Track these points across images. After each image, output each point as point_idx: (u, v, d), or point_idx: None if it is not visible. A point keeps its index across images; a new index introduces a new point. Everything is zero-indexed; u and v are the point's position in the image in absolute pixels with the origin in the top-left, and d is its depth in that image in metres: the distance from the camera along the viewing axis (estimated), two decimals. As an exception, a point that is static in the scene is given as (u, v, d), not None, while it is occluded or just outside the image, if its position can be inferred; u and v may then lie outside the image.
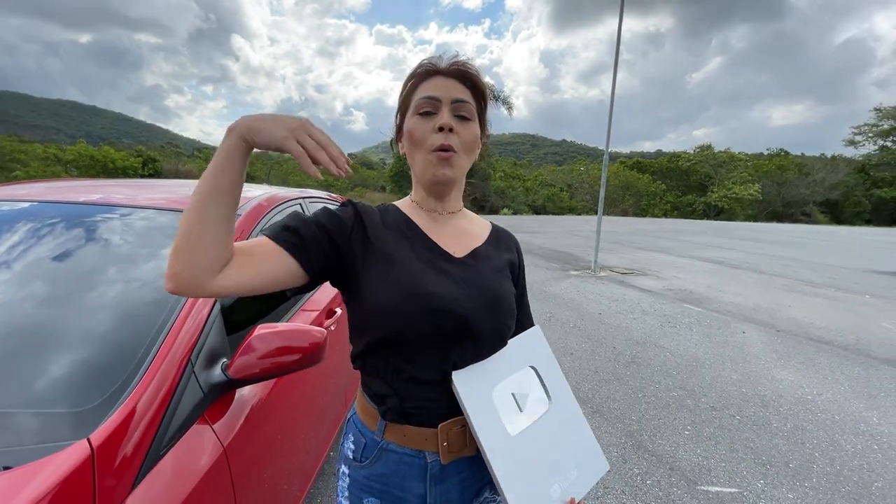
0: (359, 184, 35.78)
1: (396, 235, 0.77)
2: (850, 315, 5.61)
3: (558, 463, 0.77)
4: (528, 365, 0.82)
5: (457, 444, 0.74)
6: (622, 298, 5.91)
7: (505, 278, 0.82)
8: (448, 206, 0.84)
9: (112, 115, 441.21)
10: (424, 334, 0.70)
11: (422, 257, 0.76)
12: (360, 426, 0.80)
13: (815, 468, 2.32)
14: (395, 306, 0.69)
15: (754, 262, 10.35)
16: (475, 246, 0.83)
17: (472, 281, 0.76)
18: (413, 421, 0.74)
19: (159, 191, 1.69)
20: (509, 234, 0.93)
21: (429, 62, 0.77)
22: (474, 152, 0.80)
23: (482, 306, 0.74)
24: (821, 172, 46.50)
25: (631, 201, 39.41)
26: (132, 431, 0.82)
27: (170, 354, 0.96)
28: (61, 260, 1.19)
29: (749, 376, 3.47)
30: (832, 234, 24.91)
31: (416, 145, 0.76)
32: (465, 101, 0.75)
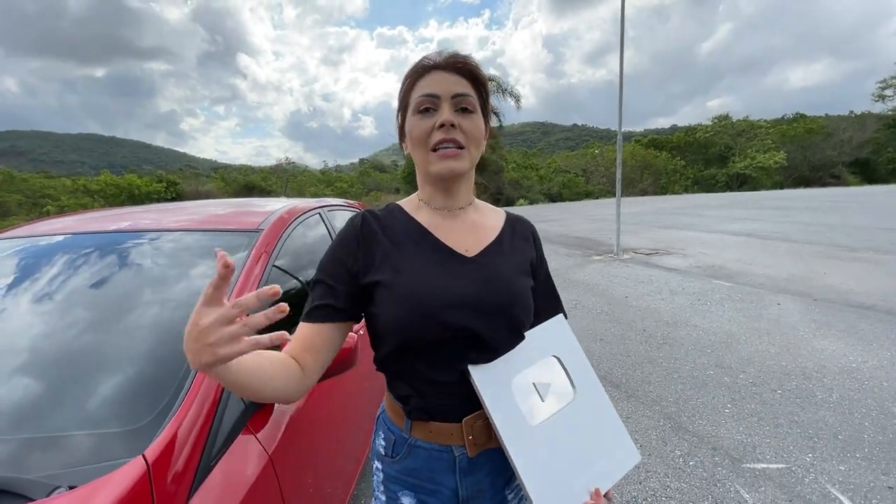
0: (373, 188, 36.08)
1: (404, 240, 0.76)
2: (891, 278, 5.37)
3: (583, 454, 0.75)
4: (551, 354, 0.81)
5: (482, 436, 0.75)
6: (648, 280, 5.80)
7: (521, 273, 0.81)
8: (457, 201, 0.81)
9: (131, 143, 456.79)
10: (438, 342, 0.71)
11: (431, 261, 0.75)
12: (389, 423, 0.83)
13: (867, 438, 2.23)
14: (405, 320, 0.70)
15: (784, 231, 10.00)
16: (488, 241, 0.81)
17: (486, 281, 0.75)
18: (437, 417, 0.75)
19: (184, 213, 1.75)
20: (524, 220, 0.91)
21: (425, 58, 0.76)
22: (481, 144, 0.77)
23: (497, 308, 0.73)
24: (847, 132, 44.50)
25: (650, 180, 38.55)
26: (183, 445, 0.85)
27: (210, 369, 1.00)
28: (101, 287, 1.24)
29: (788, 349, 3.37)
30: (866, 194, 23.82)
31: (418, 144, 0.74)
32: (466, 93, 0.73)
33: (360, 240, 0.75)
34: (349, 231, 0.77)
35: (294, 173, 35.11)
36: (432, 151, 0.73)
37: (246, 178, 30.93)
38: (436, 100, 0.72)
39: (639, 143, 47.46)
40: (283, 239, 1.55)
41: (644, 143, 47.35)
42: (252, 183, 28.92)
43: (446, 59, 0.74)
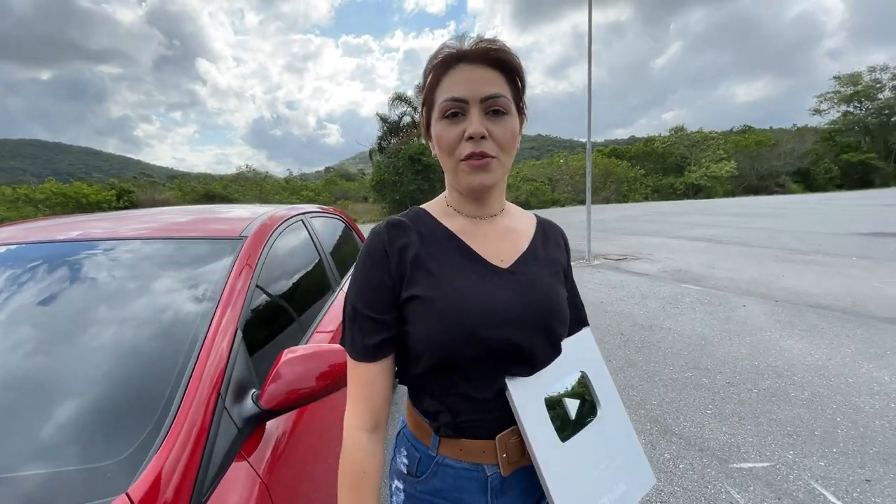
0: (340, 196, 35.54)
1: (436, 251, 0.70)
2: (841, 278, 5.72)
3: (607, 474, 0.73)
4: (579, 369, 0.79)
5: (516, 454, 0.70)
6: (620, 285, 5.93)
7: (557, 282, 0.76)
8: (489, 208, 0.75)
9: (79, 150, 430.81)
10: (477, 359, 0.66)
11: (466, 274, 0.69)
12: (413, 440, 0.76)
13: (840, 433, 2.33)
14: (444, 339, 0.65)
15: (741, 236, 10.53)
16: (522, 248, 0.76)
17: (524, 293, 0.70)
18: (468, 434, 0.70)
19: (156, 221, 1.61)
20: (555, 226, 0.86)
21: (450, 47, 0.66)
22: (514, 148, 0.69)
23: (536, 322, 0.69)
24: (790, 143, 47.77)
25: (612, 188, 39.88)
26: (172, 479, 0.75)
27: (198, 391, 0.89)
28: (74, 302, 1.11)
29: (758, 349, 3.50)
30: (808, 201, 25.56)
31: (445, 153, 0.67)
32: (497, 94, 0.64)
33: (388, 251, 0.68)
34: (375, 244, 0.69)
35: (257, 181, 34.09)
36: (460, 162, 0.66)
37: (206, 186, 29.73)
38: (464, 105, 0.64)
39: (601, 152, 49.10)
40: (267, 246, 1.46)
41: (605, 153, 49.07)
42: (212, 191, 27.81)
43: (475, 47, 0.64)
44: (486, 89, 0.64)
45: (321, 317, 1.69)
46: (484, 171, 0.66)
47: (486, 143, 0.64)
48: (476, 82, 0.64)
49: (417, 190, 22.17)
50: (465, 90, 0.63)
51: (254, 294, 1.25)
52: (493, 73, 0.65)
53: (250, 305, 1.20)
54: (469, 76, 0.64)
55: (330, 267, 2.05)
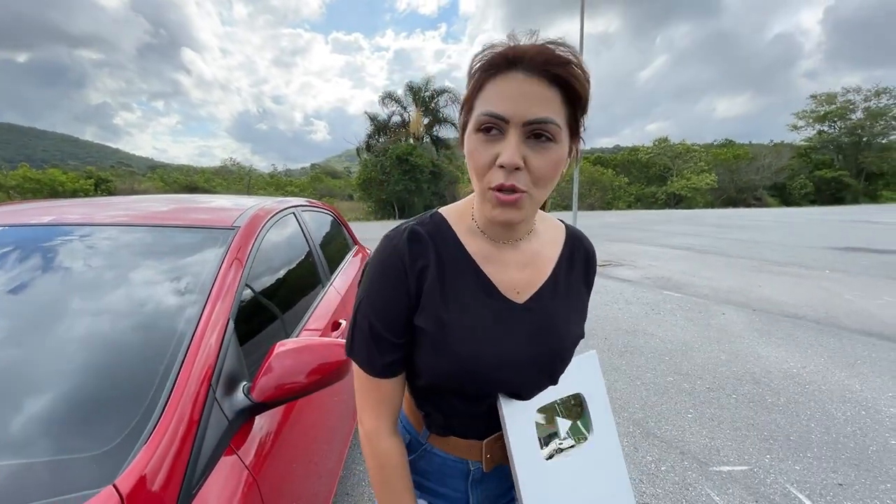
0: (325, 194, 35.19)
1: (452, 278, 0.64)
2: (816, 290, 5.90)
3: (587, 499, 0.74)
4: (577, 391, 0.78)
5: (499, 454, 0.73)
6: (604, 290, 6.01)
7: (574, 320, 0.71)
8: (516, 232, 0.68)
9: (55, 136, 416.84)
10: (478, 394, 0.68)
11: (480, 312, 0.64)
12: (406, 423, 0.80)
13: (814, 438, 2.39)
14: (445, 373, 0.65)
15: (720, 246, 10.79)
16: (543, 279, 0.69)
17: (537, 334, 0.66)
18: (458, 433, 0.74)
19: (139, 208, 1.57)
20: (585, 243, 0.77)
21: (501, 49, 0.55)
22: (553, 181, 0.59)
23: (542, 365, 0.69)
24: (767, 158, 49.22)
25: (597, 195, 40.46)
26: (161, 470, 0.73)
27: (189, 383, 0.87)
28: (62, 287, 1.07)
29: (737, 355, 3.58)
30: (784, 215, 26.35)
31: (474, 173, 0.58)
32: (545, 119, 0.53)
33: (407, 271, 0.62)
34: (393, 259, 0.63)
35: (241, 175, 33.50)
36: (488, 190, 0.57)
37: (188, 178, 29.10)
38: (503, 124, 0.54)
39: (587, 160, 49.75)
40: (259, 238, 1.43)
41: (591, 161, 49.75)
42: (195, 183, 27.23)
43: (537, 52, 0.53)
44: (533, 111, 0.53)
45: (312, 311, 1.67)
46: (512, 208, 0.57)
47: (520, 175, 0.55)
48: (523, 99, 0.53)
49: (404, 190, 22.11)
50: (507, 107, 0.53)
51: (245, 286, 1.22)
52: (551, 90, 0.54)
53: (241, 297, 1.18)
54: (518, 90, 0.53)
55: (320, 261, 2.03)
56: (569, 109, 0.56)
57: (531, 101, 0.53)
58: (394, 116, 24.31)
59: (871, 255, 9.20)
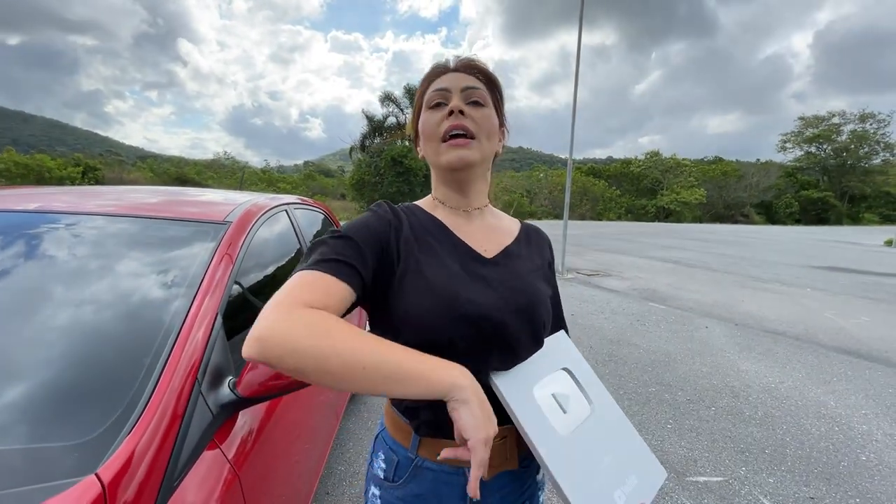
0: (317, 192, 35.02)
1: (425, 237, 0.73)
2: (796, 307, 6.03)
3: (615, 467, 0.71)
4: (561, 367, 0.78)
5: (498, 457, 0.70)
6: (591, 299, 6.07)
7: (540, 278, 0.79)
8: (473, 200, 0.79)
9: (43, 121, 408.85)
10: (460, 343, 0.66)
11: (452, 259, 0.71)
12: (392, 443, 0.75)
13: (789, 452, 2.45)
14: (427, 316, 0.65)
15: (706, 260, 10.97)
16: (506, 244, 0.79)
17: (507, 283, 0.72)
18: (450, 434, 0.67)
19: (130, 198, 1.56)
20: (540, 231, 0.90)
21: (440, 63, 0.78)
22: (493, 138, 0.76)
23: (519, 310, 0.70)
24: (755, 176, 50.23)
25: (588, 206, 40.86)
26: (144, 461, 0.73)
27: (175, 375, 0.87)
28: (46, 275, 1.06)
29: (717, 368, 3.65)
30: (769, 233, 26.88)
31: (428, 138, 0.74)
32: (476, 86, 0.73)
33: (392, 223, 0.72)
34: (381, 213, 0.73)
35: (233, 169, 33.17)
36: (443, 142, 0.72)
37: (179, 169, 28.75)
38: (447, 93, 0.72)
39: (579, 170, 50.25)
40: (251, 233, 1.43)
41: (584, 171, 50.26)
42: (186, 175, 26.89)
43: (459, 61, 0.76)
44: (466, 82, 0.73)
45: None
46: (463, 148, 0.71)
47: (466, 119, 0.71)
48: (458, 79, 0.74)
49: (397, 192, 22.08)
50: (448, 83, 0.73)
51: (235, 281, 1.23)
52: (475, 78, 0.75)
53: (231, 292, 1.18)
54: (453, 76, 0.74)
55: (310, 260, 2.03)
56: (491, 94, 0.76)
57: (463, 79, 0.74)
58: (390, 117, 24.30)
59: (851, 276, 9.44)
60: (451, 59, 0.77)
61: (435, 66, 0.77)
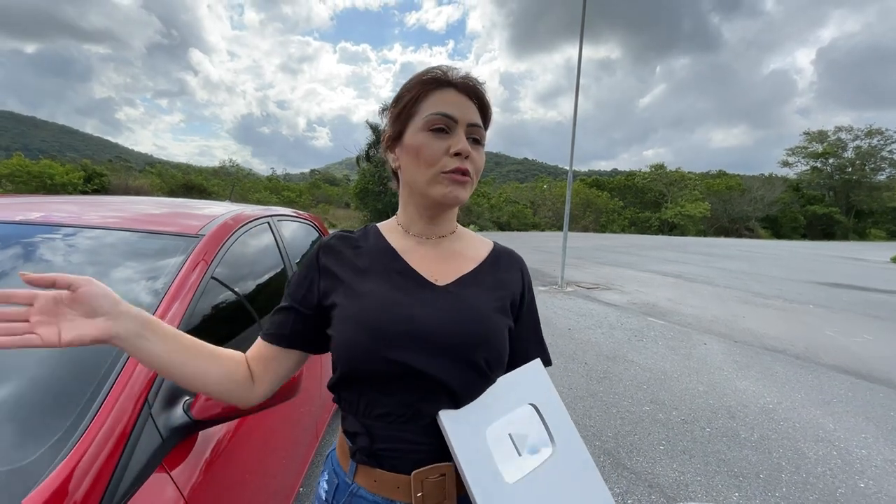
0: (322, 200, 35.19)
1: (371, 265, 0.72)
2: (798, 325, 5.94)
3: None
4: (528, 402, 0.72)
5: (434, 495, 0.65)
6: (589, 313, 6.01)
7: (497, 310, 0.72)
8: (439, 228, 0.76)
9: (54, 127, 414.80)
10: (392, 374, 0.63)
11: (396, 287, 0.69)
12: (336, 464, 0.74)
13: (784, 477, 2.38)
14: (355, 344, 0.64)
15: (708, 275, 10.87)
16: (465, 271, 0.74)
17: (456, 312, 0.67)
18: (385, 465, 0.66)
19: (110, 209, 1.55)
20: (513, 253, 0.84)
21: (439, 72, 0.70)
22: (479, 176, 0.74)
23: (460, 345, 0.65)
24: (760, 191, 50.06)
25: (591, 218, 40.82)
26: (79, 490, 0.70)
27: (123, 394, 0.84)
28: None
29: (714, 387, 3.57)
30: (773, 247, 26.69)
31: (423, 164, 0.68)
32: (480, 125, 0.70)
33: (320, 263, 0.72)
34: (311, 255, 0.74)
35: (239, 177, 33.42)
36: (440, 174, 0.68)
37: (186, 176, 29.00)
38: (452, 123, 0.67)
39: (584, 181, 50.31)
40: (225, 247, 1.41)
41: (588, 183, 50.30)
42: (192, 182, 27.10)
43: (462, 79, 0.70)
44: (472, 117, 0.69)
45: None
46: (461, 187, 0.69)
47: (468, 162, 0.68)
48: (463, 107, 0.69)
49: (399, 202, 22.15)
50: (456, 110, 0.68)
51: (203, 296, 1.20)
52: (474, 106, 0.71)
53: (197, 307, 1.15)
54: (457, 100, 0.69)
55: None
56: (484, 124, 0.72)
57: (468, 109, 0.69)
58: (394, 128, 24.48)
59: (855, 293, 9.31)
60: (451, 71, 0.70)
61: (433, 75, 0.69)
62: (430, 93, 0.69)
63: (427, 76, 0.69)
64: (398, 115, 0.71)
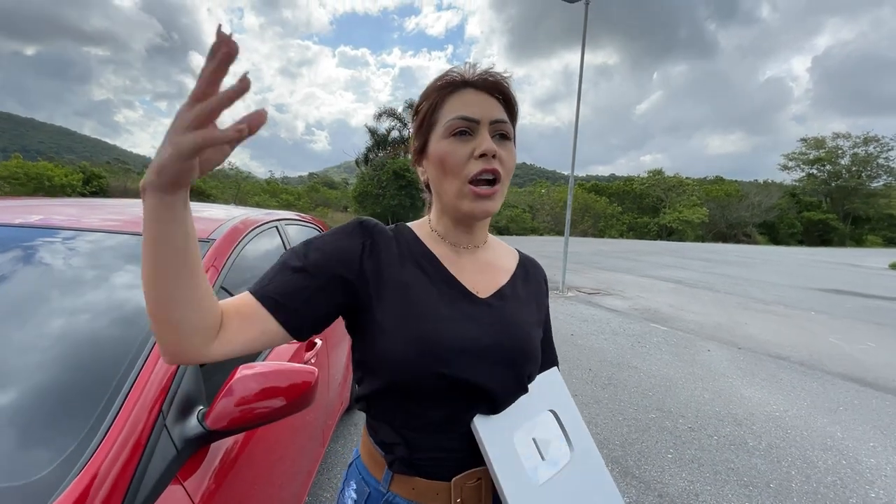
0: (321, 203, 35.13)
1: (412, 268, 0.67)
2: (800, 331, 5.93)
3: None
4: (548, 409, 0.76)
5: (472, 499, 0.67)
6: (592, 319, 5.99)
7: (533, 323, 0.74)
8: (475, 238, 0.74)
9: (52, 128, 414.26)
10: (440, 387, 0.62)
11: (442, 297, 0.66)
12: (365, 473, 0.72)
13: (794, 487, 2.35)
14: (407, 357, 0.61)
15: (708, 281, 10.87)
16: (502, 283, 0.74)
17: (500, 328, 0.67)
18: (423, 473, 0.66)
19: (112, 212, 1.52)
20: (537, 265, 0.85)
21: (456, 73, 0.66)
22: (510, 176, 0.69)
23: (508, 359, 0.66)
24: (757, 197, 50.26)
25: (590, 222, 40.88)
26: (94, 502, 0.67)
27: (137, 405, 0.82)
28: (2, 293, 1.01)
29: (720, 395, 3.55)
30: (771, 253, 26.76)
31: (449, 173, 0.64)
32: (505, 119, 0.65)
33: (366, 246, 0.64)
34: (356, 230, 0.65)
35: (237, 179, 33.34)
36: (466, 184, 0.63)
37: (183, 179, 28.85)
38: (473, 124, 0.63)
39: (582, 186, 50.42)
40: (235, 252, 1.38)
41: (587, 188, 50.43)
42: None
43: (481, 76, 0.65)
44: (494, 113, 0.65)
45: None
46: (489, 200, 0.65)
47: (496, 162, 0.64)
48: (484, 105, 0.64)
49: (399, 205, 22.15)
50: (475, 110, 0.63)
51: (215, 301, 1.17)
52: (497, 101, 0.66)
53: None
54: (476, 99, 0.64)
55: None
56: (511, 119, 0.68)
57: (489, 106, 0.65)
58: (393, 131, 24.52)
59: (855, 299, 9.33)
60: (469, 68, 0.66)
61: (450, 78, 0.65)
62: (447, 97, 0.65)
63: (442, 81, 0.66)
64: (419, 126, 0.69)
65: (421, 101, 0.69)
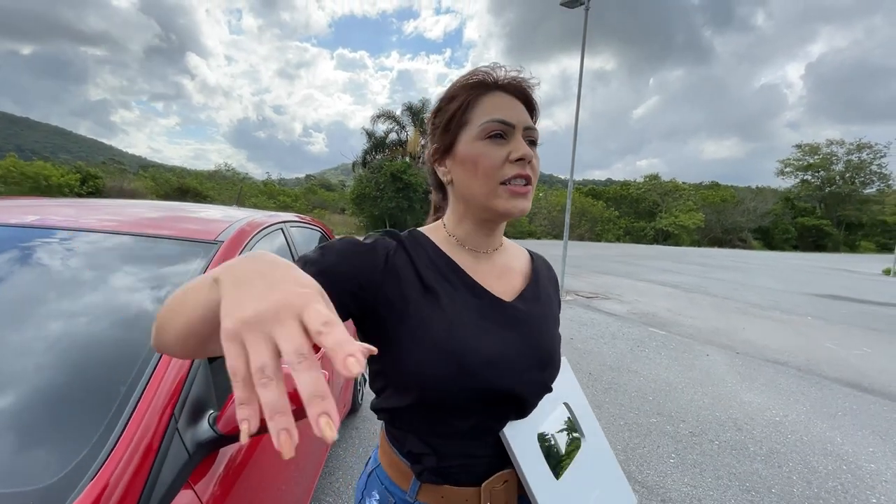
0: (318, 205, 35.06)
1: (438, 279, 0.64)
2: (797, 336, 5.96)
3: (602, 501, 0.74)
4: (562, 401, 0.79)
5: (500, 501, 0.67)
6: (591, 322, 5.99)
7: (554, 324, 0.76)
8: (494, 241, 0.73)
9: (47, 128, 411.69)
10: (475, 398, 0.62)
11: (471, 308, 0.64)
12: (388, 483, 0.70)
13: (796, 492, 2.35)
14: (448, 374, 0.59)
15: (705, 285, 10.92)
16: (522, 286, 0.73)
17: (528, 331, 0.67)
18: (451, 480, 0.66)
19: (118, 213, 1.51)
20: (546, 262, 0.85)
21: (485, 74, 0.66)
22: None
23: (538, 364, 0.68)
24: (752, 202, 50.58)
25: (587, 226, 40.99)
26: (107, 511, 0.66)
27: (149, 409, 0.81)
28: (17, 295, 1.00)
29: (720, 399, 3.56)
30: (766, 258, 26.91)
31: (481, 175, 0.63)
32: (535, 127, 0.66)
33: (388, 263, 0.61)
34: (378, 247, 0.62)
35: (234, 181, 33.24)
36: (500, 186, 0.63)
37: (181, 180, 28.77)
38: (509, 128, 0.63)
39: (579, 190, 50.57)
40: (243, 253, 1.37)
41: (584, 192, 50.59)
42: (187, 185, 26.86)
43: (512, 80, 0.66)
44: (527, 120, 0.65)
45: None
46: (524, 198, 0.65)
47: (530, 168, 0.64)
48: (517, 110, 0.65)
49: (396, 207, 22.13)
50: (510, 115, 0.64)
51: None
52: (524, 107, 0.67)
53: (218, 316, 1.12)
54: (508, 104, 0.65)
55: (305, 280, 1.97)
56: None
57: (522, 112, 0.66)
58: (391, 134, 24.51)
59: (850, 304, 9.39)
60: (497, 70, 0.66)
61: (481, 79, 0.65)
62: (479, 98, 0.65)
63: (473, 80, 0.66)
64: (447, 125, 0.66)
65: (446, 99, 0.67)
